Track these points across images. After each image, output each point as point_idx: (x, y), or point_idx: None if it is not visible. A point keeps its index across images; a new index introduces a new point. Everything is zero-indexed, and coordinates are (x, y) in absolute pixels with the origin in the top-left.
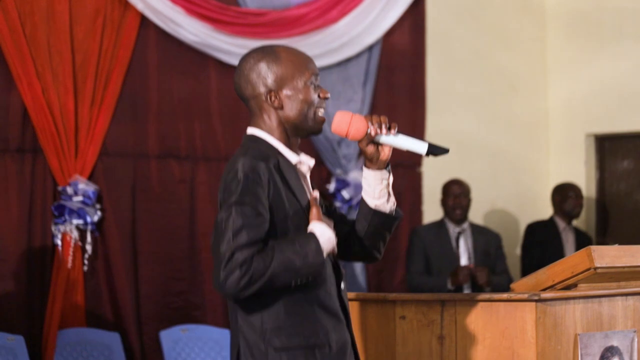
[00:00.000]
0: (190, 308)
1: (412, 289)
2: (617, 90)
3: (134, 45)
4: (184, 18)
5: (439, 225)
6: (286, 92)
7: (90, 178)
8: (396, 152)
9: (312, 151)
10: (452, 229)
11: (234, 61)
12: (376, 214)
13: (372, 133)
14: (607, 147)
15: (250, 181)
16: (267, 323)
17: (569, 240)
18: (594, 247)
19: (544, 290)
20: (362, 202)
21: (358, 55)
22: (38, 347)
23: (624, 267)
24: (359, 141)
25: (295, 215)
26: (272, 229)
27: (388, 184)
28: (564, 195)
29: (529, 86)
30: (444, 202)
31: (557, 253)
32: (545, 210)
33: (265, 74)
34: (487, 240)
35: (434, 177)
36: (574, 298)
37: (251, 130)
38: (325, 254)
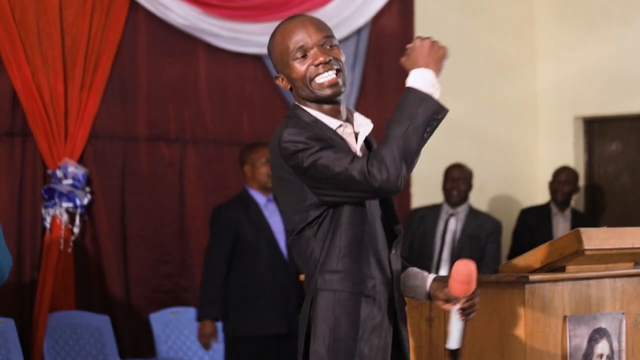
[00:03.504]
0: (179, 291)
1: None
2: (605, 73)
3: (123, 29)
4: (173, 1)
5: (435, 207)
6: (285, 73)
7: (80, 161)
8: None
9: None
10: (445, 211)
11: (223, 45)
12: None
13: (455, 310)
14: (596, 129)
15: (305, 131)
16: (340, 268)
17: (559, 226)
18: (582, 229)
19: (533, 272)
20: None
21: (347, 39)
22: (28, 330)
23: (612, 249)
24: (440, 297)
25: None
26: None
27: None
28: (553, 179)
29: (518, 69)
30: (443, 186)
31: (546, 239)
32: (534, 194)
33: (271, 57)
34: (479, 224)
35: (422, 160)
36: (562, 280)
37: (293, 101)
38: (429, 92)
